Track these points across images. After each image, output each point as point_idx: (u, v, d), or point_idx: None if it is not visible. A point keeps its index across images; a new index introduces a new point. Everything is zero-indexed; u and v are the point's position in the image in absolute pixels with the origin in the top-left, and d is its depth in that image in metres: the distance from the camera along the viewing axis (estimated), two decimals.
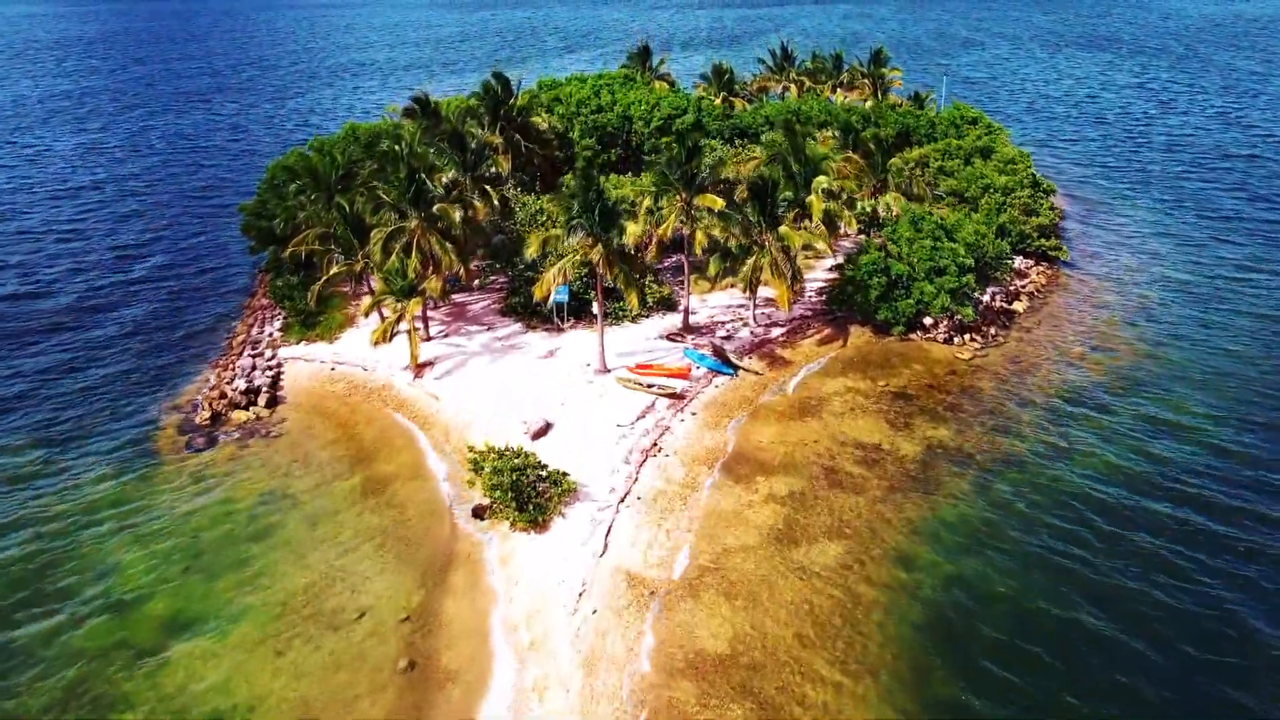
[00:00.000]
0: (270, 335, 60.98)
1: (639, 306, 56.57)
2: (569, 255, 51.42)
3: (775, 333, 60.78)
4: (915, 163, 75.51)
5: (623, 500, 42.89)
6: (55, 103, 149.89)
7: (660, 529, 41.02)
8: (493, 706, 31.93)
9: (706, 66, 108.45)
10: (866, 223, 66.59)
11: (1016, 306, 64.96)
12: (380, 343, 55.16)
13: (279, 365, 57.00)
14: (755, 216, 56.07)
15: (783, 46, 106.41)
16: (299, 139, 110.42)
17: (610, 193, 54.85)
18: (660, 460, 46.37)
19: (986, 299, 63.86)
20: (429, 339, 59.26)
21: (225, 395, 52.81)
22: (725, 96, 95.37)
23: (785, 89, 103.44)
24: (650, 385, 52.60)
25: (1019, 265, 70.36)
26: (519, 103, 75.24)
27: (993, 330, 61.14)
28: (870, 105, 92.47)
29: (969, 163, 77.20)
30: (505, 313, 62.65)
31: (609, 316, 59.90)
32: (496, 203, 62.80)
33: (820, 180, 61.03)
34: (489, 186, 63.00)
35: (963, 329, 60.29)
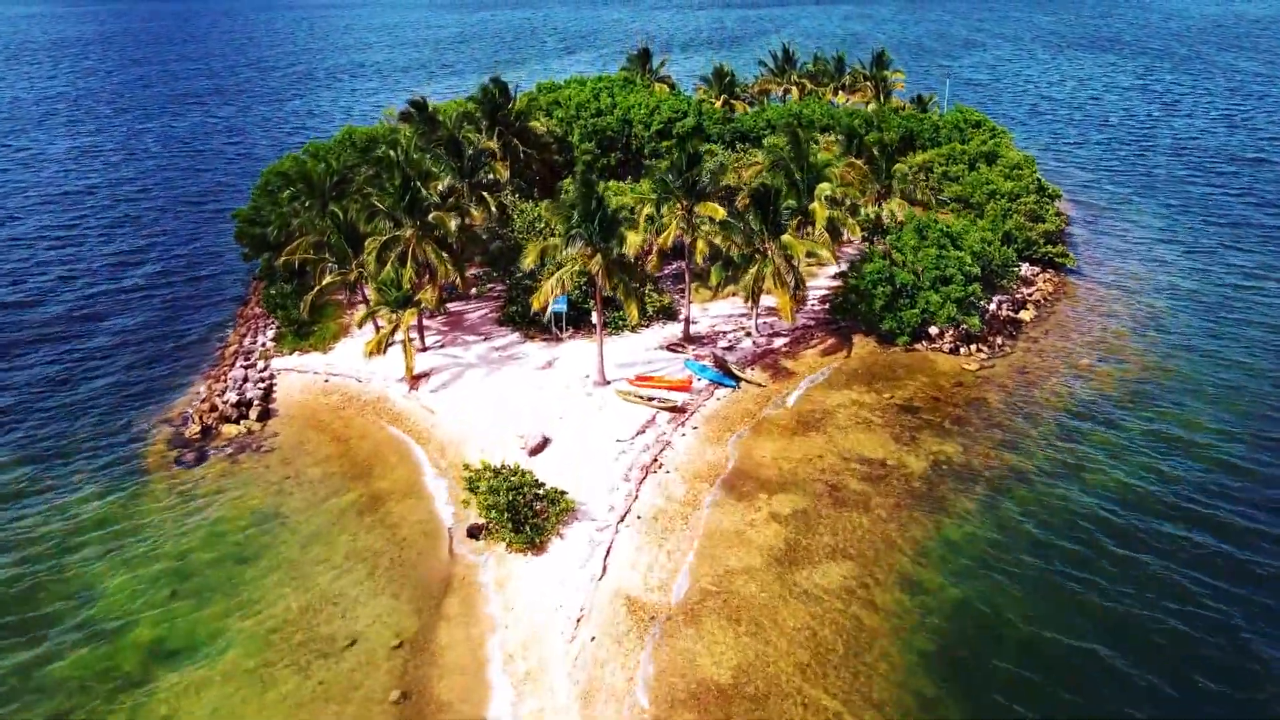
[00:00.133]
0: (263, 345, 59.88)
1: (639, 317, 55.54)
2: (567, 265, 50.36)
3: (778, 343, 59.70)
4: (919, 168, 74.42)
5: (622, 519, 41.80)
6: (50, 105, 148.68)
7: (661, 550, 39.95)
8: None
9: (707, 68, 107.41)
10: (870, 230, 65.49)
11: (1023, 315, 63.84)
12: (375, 354, 54.10)
13: (271, 377, 55.91)
14: (758, 225, 54.96)
15: (784, 48, 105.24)
16: (297, 142, 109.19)
17: (610, 200, 53.72)
18: (661, 477, 45.28)
19: (993, 308, 62.76)
20: (425, 349, 58.22)
21: (216, 408, 51.73)
22: (726, 99, 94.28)
23: (787, 91, 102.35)
24: (651, 398, 51.54)
25: (1025, 272, 69.21)
26: (517, 107, 74.16)
27: (999, 340, 60.04)
28: (873, 108, 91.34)
29: (974, 168, 76.09)
30: (503, 322, 61.57)
31: (608, 326, 58.86)
32: (494, 209, 61.82)
33: (823, 187, 59.96)
34: (486, 193, 62.03)
35: (969, 339, 59.18)
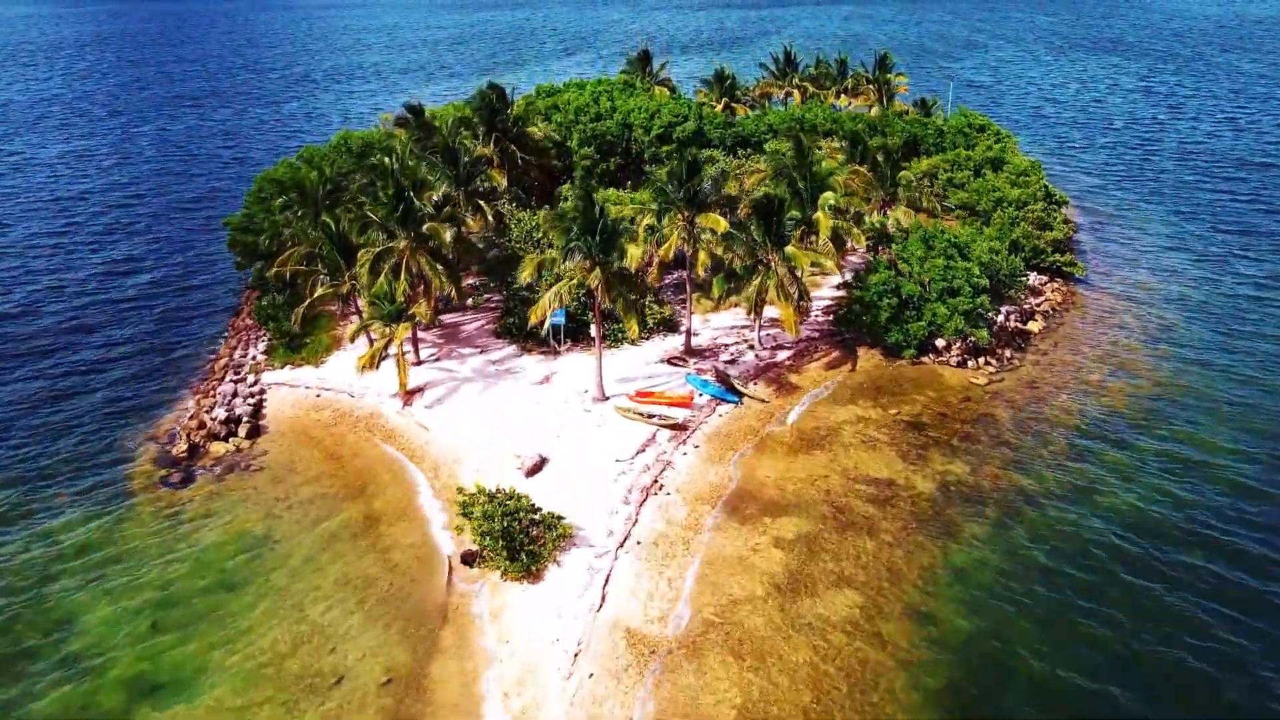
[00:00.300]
0: (254, 358, 58.50)
1: (639, 331, 54.15)
2: (566, 278, 49.02)
3: (781, 356, 58.35)
4: (924, 174, 72.99)
5: (621, 545, 40.47)
6: (45, 107, 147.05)
7: (661, 577, 38.63)
8: None
9: (708, 70, 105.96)
10: (875, 239, 64.07)
11: (1032, 326, 62.51)
12: (368, 369, 52.81)
13: (262, 392, 54.55)
14: (760, 236, 53.62)
15: (786, 51, 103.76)
16: (293, 146, 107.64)
17: (610, 210, 52.30)
18: (661, 499, 43.94)
19: (1001, 319, 61.38)
20: (419, 363, 56.88)
21: (204, 425, 50.37)
22: (727, 103, 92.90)
23: (788, 95, 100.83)
24: (651, 415, 50.21)
25: (1033, 282, 67.81)
26: (515, 112, 72.75)
27: (1008, 353, 58.69)
28: (875, 112, 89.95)
29: (979, 174, 74.74)
30: (499, 334, 60.20)
31: (608, 339, 57.53)
32: (491, 218, 60.46)
33: (827, 196, 58.59)
34: (483, 201, 60.67)
35: (977, 352, 57.83)
